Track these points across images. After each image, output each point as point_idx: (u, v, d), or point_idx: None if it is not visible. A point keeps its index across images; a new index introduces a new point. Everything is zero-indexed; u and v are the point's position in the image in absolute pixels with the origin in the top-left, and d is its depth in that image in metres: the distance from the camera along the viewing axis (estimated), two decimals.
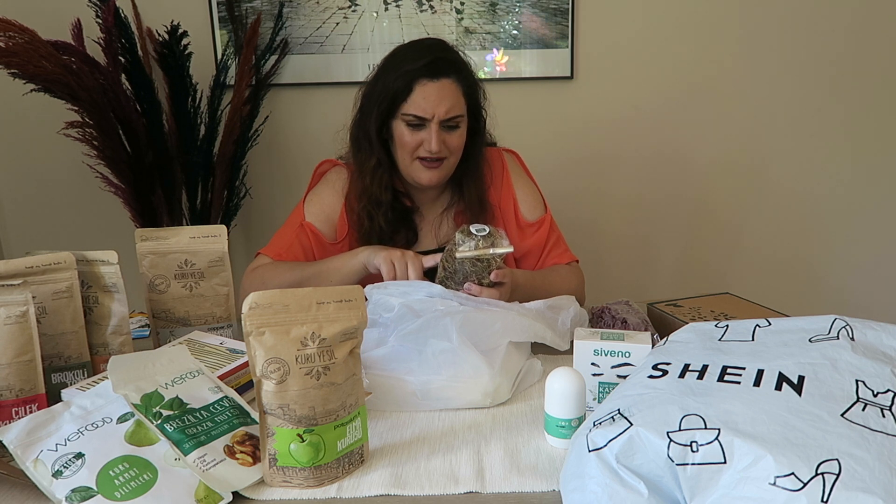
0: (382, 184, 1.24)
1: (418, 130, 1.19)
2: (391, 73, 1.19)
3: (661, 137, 2.13)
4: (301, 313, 0.70)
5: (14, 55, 1.55)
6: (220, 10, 1.99)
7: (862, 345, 0.61)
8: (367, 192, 1.24)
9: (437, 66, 1.18)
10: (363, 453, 0.76)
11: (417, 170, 1.22)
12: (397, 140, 1.22)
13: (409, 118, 1.18)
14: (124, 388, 0.73)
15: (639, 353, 0.82)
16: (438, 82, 1.17)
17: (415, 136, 1.19)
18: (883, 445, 0.51)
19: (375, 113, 1.21)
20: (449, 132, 1.21)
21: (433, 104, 1.17)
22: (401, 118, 1.19)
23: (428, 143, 1.18)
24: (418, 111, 1.17)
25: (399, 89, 1.18)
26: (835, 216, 2.20)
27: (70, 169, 2.06)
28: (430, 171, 1.22)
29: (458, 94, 1.20)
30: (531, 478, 0.72)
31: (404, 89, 1.17)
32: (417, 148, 1.20)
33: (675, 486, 0.55)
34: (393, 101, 1.19)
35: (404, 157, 1.22)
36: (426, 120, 1.18)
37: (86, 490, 0.66)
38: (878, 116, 2.13)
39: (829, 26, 2.05)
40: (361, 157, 1.25)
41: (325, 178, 1.32)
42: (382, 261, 1.08)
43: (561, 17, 2.01)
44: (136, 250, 1.04)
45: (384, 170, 1.25)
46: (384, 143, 1.24)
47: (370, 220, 1.24)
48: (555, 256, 1.32)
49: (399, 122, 1.20)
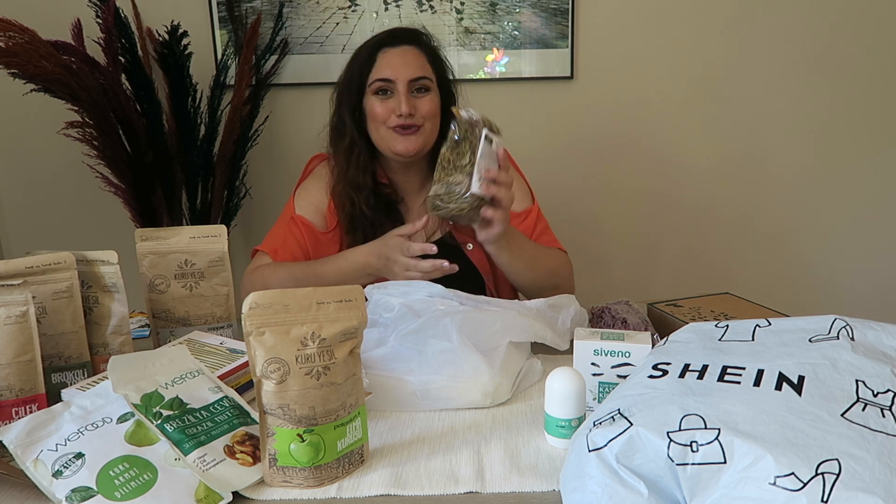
0: (360, 165, 1.25)
1: (387, 99, 1.21)
2: (355, 58, 1.24)
3: (662, 137, 2.13)
4: (301, 313, 0.70)
5: (14, 55, 1.55)
6: (220, 10, 1.99)
7: (862, 345, 0.61)
8: (346, 175, 1.26)
9: (396, 34, 1.23)
10: (363, 453, 0.76)
11: (393, 139, 1.22)
12: (370, 115, 1.23)
13: (375, 85, 1.20)
14: (124, 388, 0.73)
15: (639, 353, 0.82)
16: (400, 48, 1.22)
17: (385, 104, 1.20)
18: (883, 445, 0.51)
19: (346, 97, 1.24)
20: (419, 96, 1.22)
21: (397, 67, 1.20)
22: (369, 91, 1.22)
23: (398, 107, 1.19)
24: (383, 75, 1.20)
25: (363, 62, 1.22)
26: (836, 216, 2.20)
27: (70, 169, 2.06)
28: (406, 138, 1.21)
29: (423, 60, 1.23)
30: (531, 478, 0.72)
31: (368, 61, 1.22)
32: (389, 116, 1.21)
33: (675, 486, 0.55)
34: (360, 77, 1.22)
35: (378, 128, 1.23)
36: (392, 83, 1.20)
37: (86, 490, 0.66)
38: (880, 116, 2.13)
39: (830, 25, 2.05)
40: (338, 143, 1.27)
41: (314, 172, 1.35)
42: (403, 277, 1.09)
43: (561, 17, 2.01)
44: (136, 250, 1.05)
45: (360, 150, 1.26)
46: (358, 125, 1.25)
47: (352, 204, 1.25)
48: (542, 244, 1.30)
49: (369, 96, 1.22)
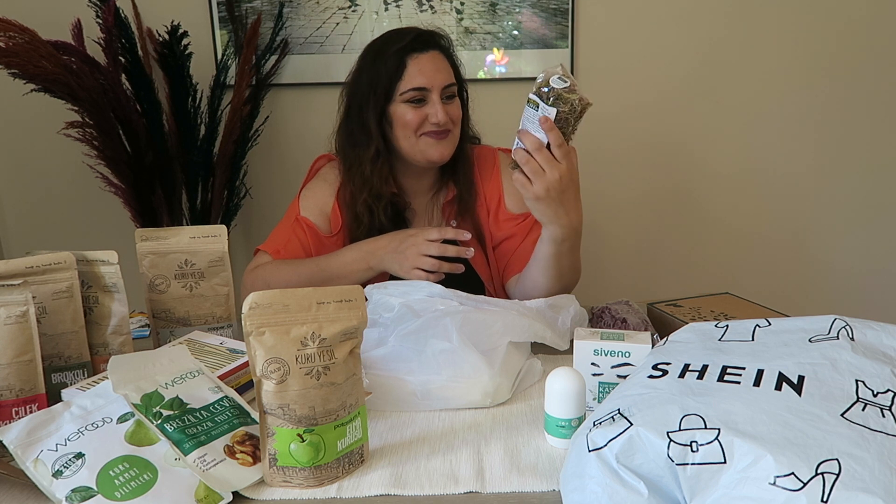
0: (383, 176, 1.23)
1: (420, 106, 1.19)
2: (378, 60, 1.20)
3: (662, 137, 2.13)
4: (301, 313, 0.70)
5: (14, 55, 1.55)
6: (220, 10, 1.99)
7: (862, 345, 0.61)
8: (368, 183, 1.23)
9: (424, 38, 1.20)
10: (363, 453, 0.76)
11: (426, 146, 1.20)
12: (398, 123, 1.20)
13: (409, 94, 1.18)
14: (124, 388, 0.73)
15: (639, 353, 0.82)
16: (429, 53, 1.19)
17: (418, 111, 1.19)
18: (883, 445, 0.51)
19: (372, 102, 1.20)
20: (449, 102, 1.21)
21: (430, 74, 1.18)
22: (399, 100, 1.19)
23: (434, 115, 1.18)
24: (418, 83, 1.17)
25: (392, 70, 1.18)
26: (837, 216, 2.20)
27: (70, 169, 2.06)
28: (440, 143, 1.20)
29: (448, 65, 1.22)
30: (531, 478, 0.72)
31: (398, 67, 1.18)
32: (422, 123, 1.19)
33: (675, 486, 0.55)
34: (389, 84, 1.19)
35: (408, 136, 1.20)
36: (427, 91, 1.18)
37: (86, 490, 0.66)
38: (882, 117, 2.13)
39: (832, 26, 2.05)
40: (359, 151, 1.23)
41: (320, 174, 1.33)
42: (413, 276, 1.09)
43: (561, 17, 2.01)
44: (136, 250, 1.04)
45: (384, 161, 1.23)
46: (382, 133, 1.23)
47: (370, 214, 1.23)
48: None
49: (397, 104, 1.19)
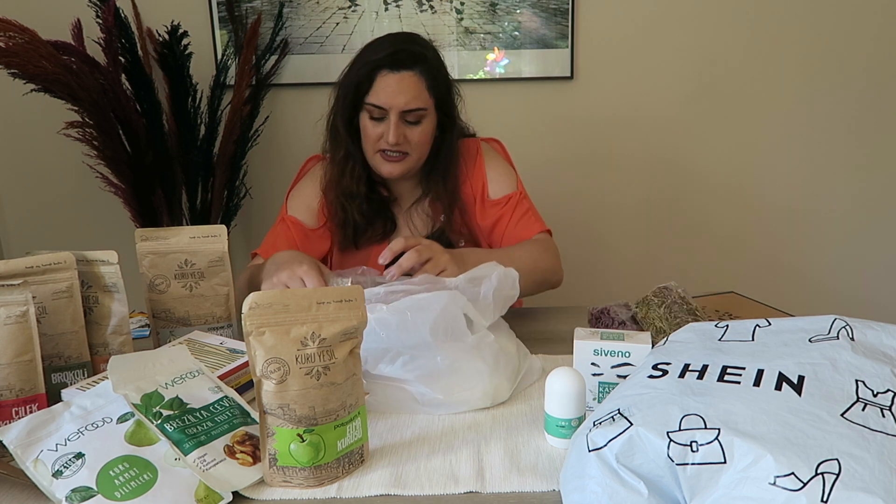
0: (354, 176, 1.26)
1: (379, 122, 1.20)
2: (357, 64, 1.21)
3: (662, 138, 2.13)
4: (301, 313, 0.70)
5: (14, 55, 1.55)
6: (220, 10, 1.99)
7: (862, 345, 0.61)
8: (339, 184, 1.26)
9: (399, 57, 1.18)
10: (363, 453, 0.76)
11: (379, 162, 1.23)
12: (362, 132, 1.23)
13: (370, 108, 1.19)
14: (124, 388, 0.73)
15: (639, 353, 0.82)
16: (398, 74, 1.18)
17: (376, 128, 1.20)
18: (883, 445, 0.51)
19: (342, 105, 1.23)
20: (410, 127, 1.21)
21: (391, 95, 1.17)
22: (365, 109, 1.21)
23: (387, 135, 1.19)
24: (377, 101, 1.18)
25: (362, 79, 1.19)
26: (838, 217, 2.20)
27: (70, 169, 2.06)
28: (391, 164, 1.22)
29: (421, 88, 1.19)
30: (531, 478, 0.72)
31: (367, 79, 1.19)
32: (379, 140, 1.21)
33: (675, 485, 0.55)
34: (357, 92, 1.20)
35: (368, 149, 1.24)
36: (385, 111, 1.19)
37: (86, 490, 0.66)
38: (883, 120, 2.12)
39: (834, 29, 2.05)
40: (333, 150, 1.27)
41: (308, 172, 1.35)
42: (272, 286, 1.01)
43: (561, 17, 2.00)
44: (136, 250, 1.04)
45: (355, 162, 1.25)
46: (354, 136, 1.25)
47: (344, 211, 1.26)
48: (522, 229, 1.29)
49: (364, 113, 1.21)
